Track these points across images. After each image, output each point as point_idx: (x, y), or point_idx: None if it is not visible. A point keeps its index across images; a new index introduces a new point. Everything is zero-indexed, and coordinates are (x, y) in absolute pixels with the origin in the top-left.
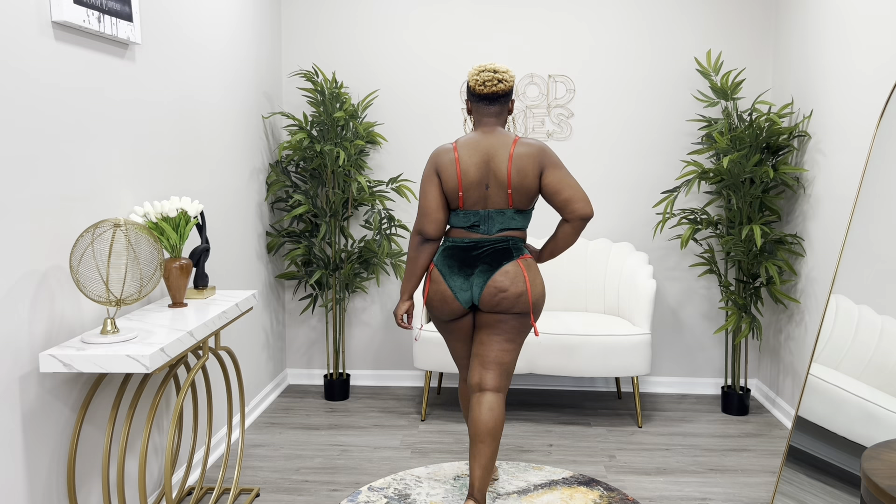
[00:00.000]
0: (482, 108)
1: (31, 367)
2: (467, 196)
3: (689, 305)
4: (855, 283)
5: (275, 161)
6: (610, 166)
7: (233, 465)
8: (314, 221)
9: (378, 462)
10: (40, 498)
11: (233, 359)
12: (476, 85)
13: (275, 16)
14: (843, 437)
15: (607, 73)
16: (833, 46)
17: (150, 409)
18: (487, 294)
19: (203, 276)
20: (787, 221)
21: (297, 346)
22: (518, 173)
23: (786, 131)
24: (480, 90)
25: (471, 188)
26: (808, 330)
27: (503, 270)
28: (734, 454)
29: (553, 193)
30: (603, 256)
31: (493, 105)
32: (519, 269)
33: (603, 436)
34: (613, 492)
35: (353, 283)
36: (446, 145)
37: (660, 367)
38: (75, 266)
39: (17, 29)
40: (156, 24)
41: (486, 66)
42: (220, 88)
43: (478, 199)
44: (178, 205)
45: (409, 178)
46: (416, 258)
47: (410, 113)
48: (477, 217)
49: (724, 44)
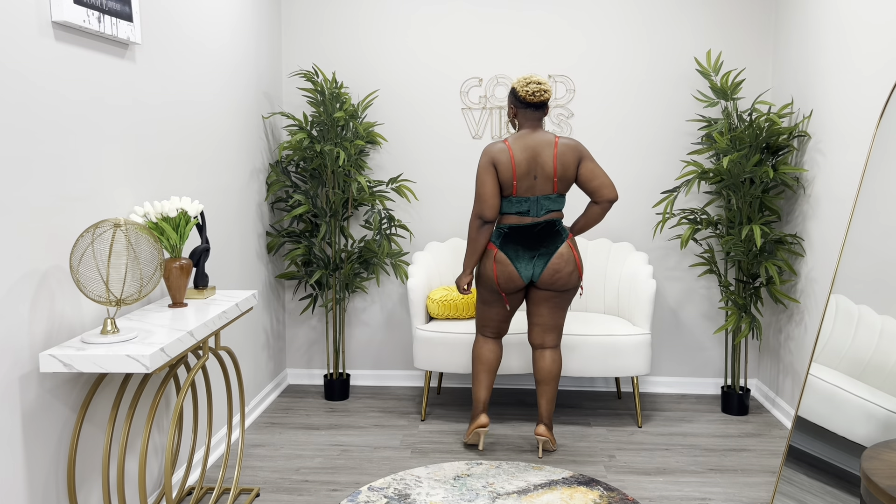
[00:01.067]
0: (528, 113)
1: (31, 367)
2: (520, 185)
3: (689, 305)
4: (855, 283)
5: (275, 161)
6: (610, 166)
7: (233, 465)
8: (314, 221)
9: (378, 462)
10: (40, 498)
11: (233, 359)
12: (527, 95)
13: (275, 16)
14: (843, 437)
15: (607, 73)
16: (833, 46)
17: (150, 409)
18: (547, 274)
19: (203, 276)
20: (786, 221)
21: (297, 346)
22: (562, 165)
23: (786, 131)
24: (531, 99)
25: (522, 178)
26: (807, 330)
27: (559, 253)
28: (734, 454)
29: (587, 181)
30: (603, 256)
31: (537, 111)
32: (570, 250)
33: (603, 436)
34: (613, 492)
35: (353, 283)
36: (499, 143)
37: (660, 367)
38: (75, 266)
39: (17, 29)
40: (156, 24)
41: (532, 79)
42: (219, 88)
43: (527, 188)
44: (178, 205)
45: (409, 178)
46: (476, 238)
47: (410, 113)
48: (528, 203)
49: (723, 44)
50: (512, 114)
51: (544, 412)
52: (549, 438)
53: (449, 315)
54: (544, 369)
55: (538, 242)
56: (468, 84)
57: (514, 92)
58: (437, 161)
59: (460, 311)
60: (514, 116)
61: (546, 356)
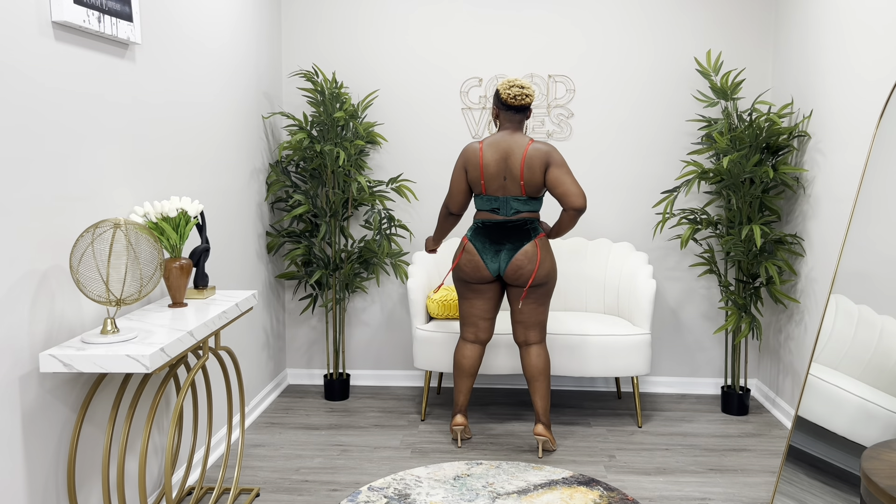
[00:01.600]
0: (508, 115)
1: (31, 367)
2: (489, 184)
3: (689, 305)
4: (855, 282)
5: (275, 161)
6: (610, 166)
7: (233, 464)
8: (314, 221)
9: (378, 462)
10: (40, 498)
11: (233, 359)
12: (508, 98)
13: (275, 16)
14: (843, 437)
15: (607, 73)
16: (833, 46)
17: (150, 409)
18: (510, 269)
19: (203, 276)
20: (786, 221)
21: (297, 346)
22: (528, 169)
23: (785, 131)
24: (512, 102)
25: (491, 178)
26: (807, 330)
27: (523, 250)
28: (734, 454)
29: (553, 187)
30: (603, 256)
31: (518, 114)
32: (535, 248)
33: (603, 436)
34: (613, 492)
35: (353, 283)
36: (474, 144)
37: (660, 367)
38: (75, 266)
39: (18, 29)
40: (156, 24)
41: (515, 82)
42: (219, 88)
43: (497, 188)
44: (178, 205)
45: (409, 178)
46: (443, 224)
47: (410, 113)
48: (497, 202)
49: (724, 44)
50: (494, 114)
51: (540, 410)
52: (548, 438)
53: (449, 315)
54: (531, 365)
55: (505, 238)
56: (468, 84)
57: (497, 94)
58: (437, 161)
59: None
60: (496, 117)
61: (531, 352)
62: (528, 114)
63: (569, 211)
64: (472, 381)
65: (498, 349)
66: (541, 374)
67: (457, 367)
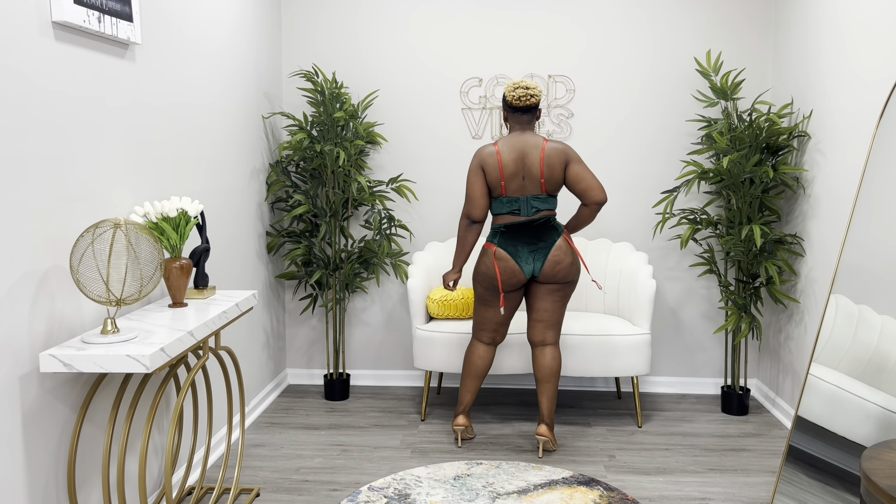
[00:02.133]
0: (517, 117)
1: (32, 367)
2: (508, 185)
3: (689, 305)
4: (855, 283)
5: (275, 161)
6: (609, 166)
7: (233, 464)
8: (314, 221)
9: (378, 462)
10: (40, 498)
11: (233, 359)
12: (513, 100)
13: (275, 16)
14: (843, 437)
15: (607, 73)
16: (832, 47)
17: (150, 409)
18: (548, 267)
19: (203, 276)
20: (786, 221)
21: (297, 346)
22: (548, 167)
23: (785, 131)
24: (517, 104)
25: (510, 179)
26: (807, 330)
27: (557, 246)
28: (734, 454)
29: (574, 183)
30: (603, 256)
31: (525, 115)
32: (567, 243)
33: (603, 435)
34: (613, 492)
35: (353, 283)
36: (489, 146)
37: (660, 367)
38: (75, 266)
39: (18, 29)
40: (156, 24)
41: (520, 84)
42: (219, 88)
43: (516, 188)
44: (178, 205)
45: (409, 178)
46: (465, 237)
47: (410, 113)
48: (517, 203)
49: (723, 44)
50: (504, 117)
51: (545, 412)
52: (549, 438)
53: (449, 315)
54: (545, 367)
55: (536, 238)
56: (468, 84)
57: (504, 96)
58: (437, 161)
59: (460, 311)
60: (506, 119)
61: (547, 353)
62: (536, 114)
63: (591, 205)
64: (481, 382)
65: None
66: (553, 376)
67: (469, 368)
